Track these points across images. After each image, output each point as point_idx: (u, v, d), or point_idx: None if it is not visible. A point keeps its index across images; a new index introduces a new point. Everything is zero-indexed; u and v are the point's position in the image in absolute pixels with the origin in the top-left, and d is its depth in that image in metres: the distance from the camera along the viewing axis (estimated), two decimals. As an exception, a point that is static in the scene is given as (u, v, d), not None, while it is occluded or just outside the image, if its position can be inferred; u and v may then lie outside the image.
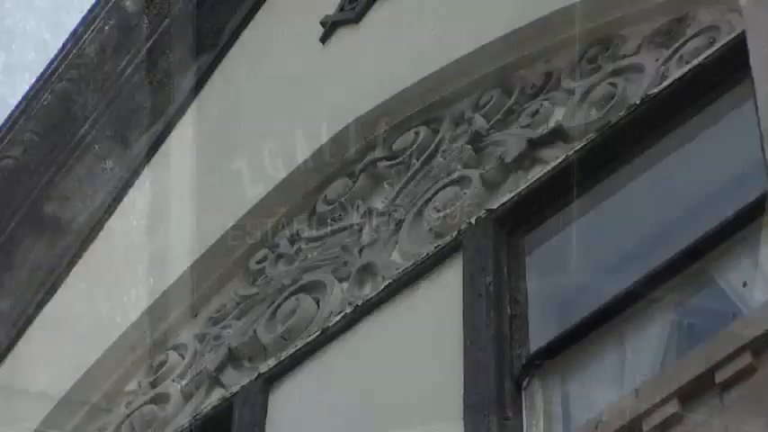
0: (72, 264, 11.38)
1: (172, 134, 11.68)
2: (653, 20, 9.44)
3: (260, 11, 11.91)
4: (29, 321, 11.30)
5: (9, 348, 11.26)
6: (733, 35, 8.83)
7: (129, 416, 10.12)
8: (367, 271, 9.52)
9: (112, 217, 11.49)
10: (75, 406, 10.48)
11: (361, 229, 9.86)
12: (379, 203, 9.94)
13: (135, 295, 10.70)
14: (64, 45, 11.88)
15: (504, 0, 10.18)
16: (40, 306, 11.33)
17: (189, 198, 11.07)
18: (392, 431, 8.68)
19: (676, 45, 9.18)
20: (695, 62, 8.90)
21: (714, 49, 8.87)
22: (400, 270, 9.28)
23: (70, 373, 10.58)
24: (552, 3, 9.75)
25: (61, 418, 10.48)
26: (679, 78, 8.91)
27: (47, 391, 10.58)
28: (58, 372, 10.72)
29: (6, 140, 11.74)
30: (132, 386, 10.39)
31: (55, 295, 11.29)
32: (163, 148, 11.67)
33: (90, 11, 12.18)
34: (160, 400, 10.01)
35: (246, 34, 11.88)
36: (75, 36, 11.87)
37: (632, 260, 8.70)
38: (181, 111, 11.74)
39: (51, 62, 11.90)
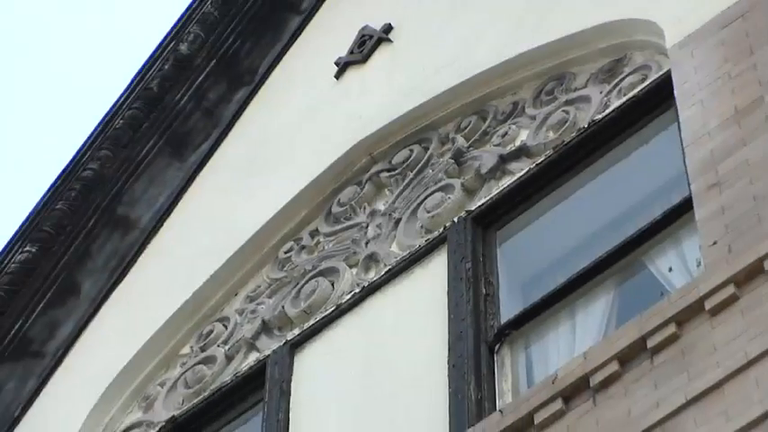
0: (138, 254, 11.43)
1: (217, 151, 11.71)
2: (597, 61, 9.57)
3: (287, 54, 11.90)
4: (104, 299, 11.31)
5: (88, 321, 11.20)
6: (661, 73, 8.97)
7: (183, 374, 10.31)
8: (372, 259, 9.69)
9: (171, 216, 11.54)
10: (142, 366, 10.57)
11: (367, 226, 9.98)
12: (381, 206, 10.06)
13: (188, 278, 10.81)
14: (132, 80, 12.03)
15: (480, 44, 10.33)
16: (113, 287, 11.33)
17: (229, 203, 11.21)
18: (389, 386, 8.83)
19: (616, 80, 9.32)
20: (631, 94, 9.04)
21: (646, 83, 9.05)
22: (398, 258, 9.42)
23: (137, 340, 10.66)
24: (517, 47, 9.89)
25: (132, 374, 10.52)
26: (618, 107, 9.03)
27: (119, 354, 10.68)
28: (127, 339, 10.81)
29: (86, 156, 11.71)
30: (186, 350, 10.56)
31: (125, 279, 11.33)
32: (210, 162, 11.69)
33: (153, 53, 12.19)
34: (208, 361, 10.13)
35: (276, 72, 11.91)
36: (141, 73, 12.01)
37: (581, 251, 8.84)
38: (224, 133, 11.77)
39: (123, 93, 12.05)
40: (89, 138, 11.81)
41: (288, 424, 9.24)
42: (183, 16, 12.16)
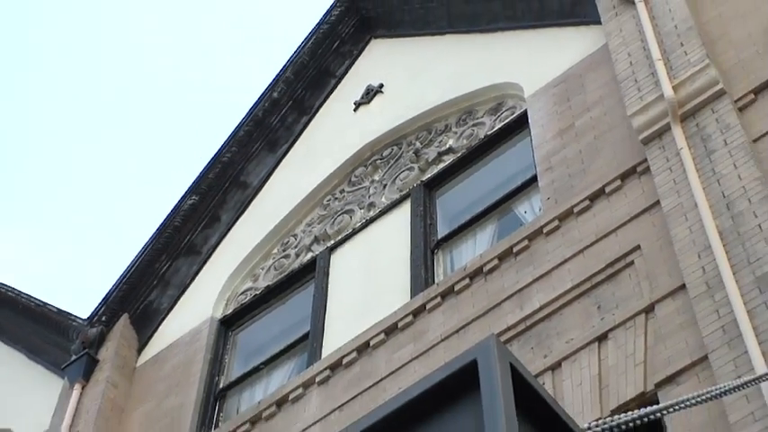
0: (251, 201, 10.90)
1: (294, 146, 11.13)
2: (489, 103, 9.56)
3: (330, 96, 11.24)
4: (232, 225, 10.79)
5: (222, 237, 10.80)
6: (522, 110, 9.06)
7: (273, 263, 10.11)
8: (371, 205, 9.67)
9: (269, 181, 10.92)
10: (252, 258, 10.34)
11: (369, 188, 9.88)
12: (377, 177, 9.94)
13: (277, 212, 10.43)
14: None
15: (429, 95, 10.11)
16: (235, 220, 10.87)
17: (299, 174, 10.72)
18: (380, 270, 8.92)
19: (498, 113, 9.40)
20: (507, 121, 9.22)
21: (514, 115, 9.17)
22: (385, 205, 9.51)
23: (250, 245, 10.33)
24: (450, 95, 9.86)
25: (247, 263, 10.33)
26: (500, 127, 9.22)
27: (240, 253, 10.40)
28: (245, 246, 10.42)
29: (226, 150, 11.02)
30: (275, 251, 10.25)
31: (243, 216, 10.80)
32: (290, 152, 11.06)
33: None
34: (286, 257, 10.03)
35: (327, 103, 11.24)
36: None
37: (480, 202, 8.90)
38: (297, 135, 11.18)
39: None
40: (226, 142, 11.07)
41: (327, 290, 9.22)
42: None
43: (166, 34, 32.95)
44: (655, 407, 4.17)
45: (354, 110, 10.78)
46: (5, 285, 11.35)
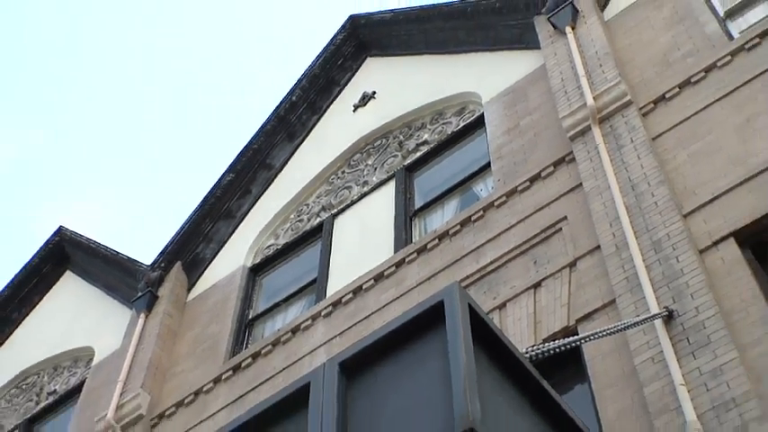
0: (274, 178, 10.69)
1: (308, 138, 10.88)
2: (456, 107, 9.44)
3: (336, 99, 10.97)
4: (260, 196, 10.57)
5: (252, 206, 10.59)
6: (480, 112, 8.94)
7: (290, 226, 9.98)
8: (365, 183, 9.53)
9: (289, 163, 10.70)
10: (275, 222, 10.20)
11: (363, 170, 9.73)
12: (370, 162, 9.78)
13: (295, 186, 10.24)
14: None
15: (411, 99, 9.93)
16: (261, 193, 10.63)
17: (310, 158, 10.51)
18: (370, 231, 8.76)
19: (463, 115, 9.29)
20: (469, 120, 9.08)
21: (474, 117, 9.05)
22: (375, 183, 9.38)
23: (273, 210, 10.20)
24: (426, 100, 9.68)
25: (271, 225, 10.20)
26: (464, 125, 9.05)
27: (265, 216, 10.27)
28: (269, 209, 10.29)
29: (258, 138, 10.79)
30: (291, 216, 10.07)
31: (267, 191, 10.58)
32: (305, 142, 10.80)
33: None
34: (300, 221, 9.89)
35: (333, 105, 10.96)
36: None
37: (447, 182, 8.71)
38: (309, 131, 10.92)
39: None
40: (256, 134, 10.82)
41: (331, 246, 9.13)
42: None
43: (221, 55, 34.41)
44: (575, 337, 4.43)
45: (353, 111, 10.67)
46: (89, 238, 11.32)
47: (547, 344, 3.54)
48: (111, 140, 32.64)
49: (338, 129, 10.62)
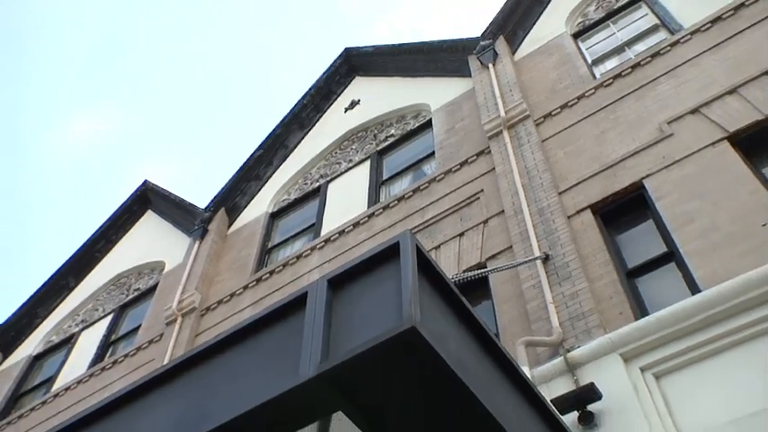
0: (288, 155, 10.10)
1: (317, 124, 10.31)
2: (412, 113, 9.09)
3: (335, 101, 10.41)
4: (276, 170, 10.06)
5: (272, 175, 10.00)
6: (429, 117, 8.68)
7: (301, 185, 9.41)
8: (350, 161, 9.04)
9: (300, 145, 10.14)
10: (290, 185, 9.62)
11: (349, 152, 9.18)
12: (354, 147, 9.25)
13: (304, 159, 9.71)
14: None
15: (387, 105, 9.41)
16: (279, 165, 10.04)
17: (316, 140, 9.89)
18: (353, 196, 8.33)
19: (417, 117, 8.96)
20: (421, 122, 8.78)
21: (425, 120, 8.75)
22: (357, 161, 8.87)
23: (291, 171, 9.64)
24: (393, 106, 9.32)
25: (289, 184, 9.59)
26: (417, 126, 8.80)
27: (285, 178, 9.68)
28: (287, 172, 9.72)
29: (279, 129, 10.19)
30: (299, 179, 9.55)
31: (285, 163, 9.98)
32: (313, 129, 10.24)
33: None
34: (305, 183, 9.35)
35: (333, 105, 10.34)
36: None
37: (419, 163, 8.12)
38: (316, 121, 10.33)
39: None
40: (277, 125, 10.26)
41: (325, 203, 8.65)
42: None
43: (259, 74, 34.12)
44: (485, 270, 4.63)
45: (344, 112, 10.19)
46: (164, 188, 11.19)
47: (466, 273, 3.53)
48: (181, 122, 32.91)
49: (334, 124, 10.19)
